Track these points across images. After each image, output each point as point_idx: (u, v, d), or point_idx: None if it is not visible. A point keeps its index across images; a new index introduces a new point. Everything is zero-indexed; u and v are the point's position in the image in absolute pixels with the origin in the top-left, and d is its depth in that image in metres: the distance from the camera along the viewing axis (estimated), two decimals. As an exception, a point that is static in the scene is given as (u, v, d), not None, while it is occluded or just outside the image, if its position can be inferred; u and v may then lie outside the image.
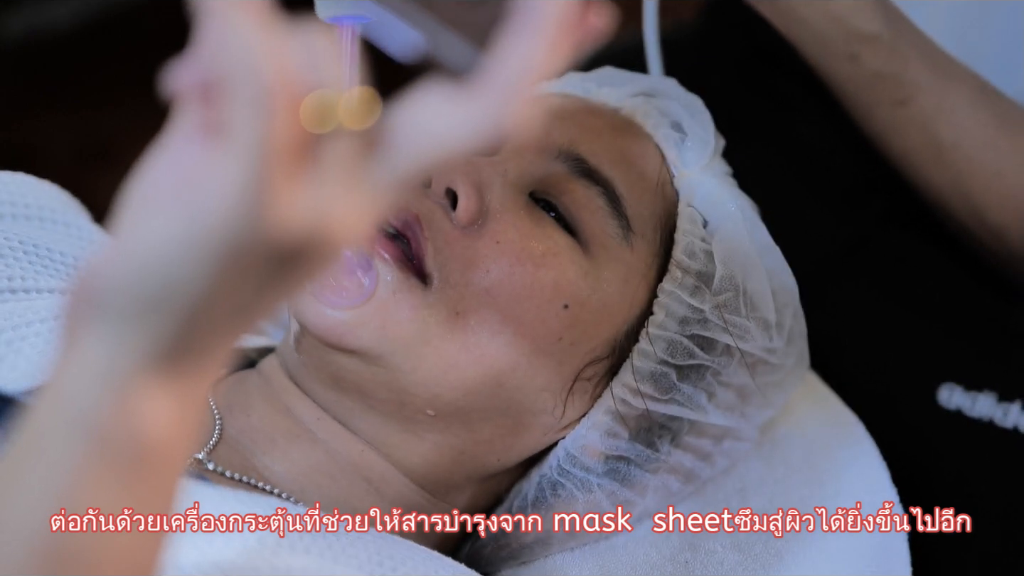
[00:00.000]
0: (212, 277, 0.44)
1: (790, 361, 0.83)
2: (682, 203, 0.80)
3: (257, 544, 0.62)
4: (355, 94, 0.45)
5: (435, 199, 0.75)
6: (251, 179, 0.43)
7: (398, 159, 0.45)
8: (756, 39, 1.08)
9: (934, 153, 0.93)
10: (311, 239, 0.44)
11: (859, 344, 0.91)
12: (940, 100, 0.91)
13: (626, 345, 0.78)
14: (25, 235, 0.83)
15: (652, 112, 0.83)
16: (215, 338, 0.46)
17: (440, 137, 0.45)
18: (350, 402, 0.75)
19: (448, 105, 0.45)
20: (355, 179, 0.45)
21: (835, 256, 1.08)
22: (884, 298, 1.07)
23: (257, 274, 0.44)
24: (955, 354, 1.03)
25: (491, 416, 0.75)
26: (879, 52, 0.90)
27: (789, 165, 1.12)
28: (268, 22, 0.44)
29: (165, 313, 0.44)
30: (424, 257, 0.73)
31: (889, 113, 0.91)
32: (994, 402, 1.01)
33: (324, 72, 0.44)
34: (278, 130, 0.43)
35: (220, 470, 0.74)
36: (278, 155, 0.43)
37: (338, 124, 0.44)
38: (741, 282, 0.79)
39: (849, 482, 0.86)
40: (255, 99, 0.43)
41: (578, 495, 0.79)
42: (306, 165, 0.44)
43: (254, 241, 0.43)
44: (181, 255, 0.43)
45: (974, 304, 1.05)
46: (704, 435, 0.81)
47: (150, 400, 0.45)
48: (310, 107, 0.44)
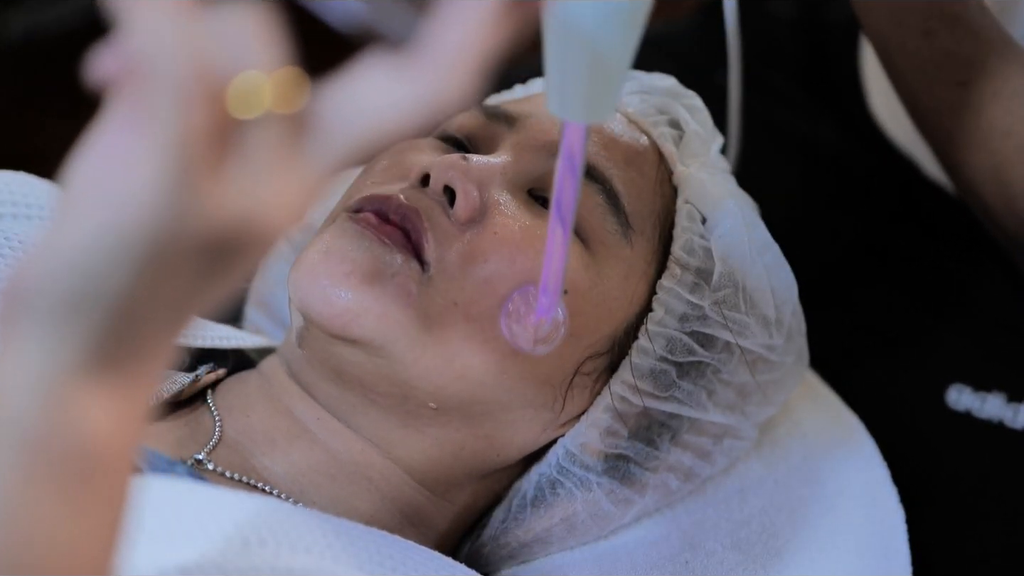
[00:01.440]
0: (137, 273, 0.42)
1: (789, 358, 0.83)
2: (680, 200, 0.81)
3: (257, 544, 0.62)
4: (280, 76, 0.43)
5: (433, 197, 0.75)
6: (171, 170, 0.41)
7: (333, 141, 0.44)
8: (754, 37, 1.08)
9: (983, 137, 0.92)
10: (242, 229, 0.43)
11: (867, 344, 0.91)
12: (1001, 85, 0.89)
13: (625, 342, 0.78)
14: (25, 235, 0.83)
15: (650, 109, 0.83)
16: (152, 336, 0.44)
17: (377, 116, 0.44)
18: (352, 397, 0.76)
19: (384, 81, 0.43)
20: (285, 164, 0.43)
21: (842, 256, 1.08)
22: (892, 298, 1.07)
23: (188, 268, 0.43)
24: (964, 354, 1.03)
25: (492, 410, 0.75)
26: (956, 31, 0.88)
27: (791, 164, 1.12)
28: (186, 5, 0.42)
29: (92, 312, 0.42)
30: (425, 245, 0.73)
31: (947, 92, 0.90)
32: (1003, 403, 1.01)
33: (247, 55, 0.42)
34: (198, 118, 0.42)
35: (220, 470, 0.75)
36: (199, 144, 0.42)
37: (264, 108, 0.43)
38: (740, 279, 0.79)
39: (849, 482, 0.86)
40: (173, 87, 0.41)
41: (577, 493, 0.79)
42: (231, 153, 0.43)
43: (179, 234, 0.42)
44: (102, 251, 0.42)
45: (983, 304, 1.04)
46: (704, 433, 0.81)
47: (88, 405, 0.43)
48: (232, 92, 0.42)
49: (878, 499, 0.86)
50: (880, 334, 1.05)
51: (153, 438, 0.74)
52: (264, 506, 0.64)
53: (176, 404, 0.79)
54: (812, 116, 1.13)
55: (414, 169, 0.76)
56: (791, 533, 0.82)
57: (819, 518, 0.83)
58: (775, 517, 0.83)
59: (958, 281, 1.06)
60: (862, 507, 0.84)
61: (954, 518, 0.98)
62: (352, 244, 0.73)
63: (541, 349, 0.71)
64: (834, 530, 0.83)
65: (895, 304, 1.07)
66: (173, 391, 0.77)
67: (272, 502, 0.67)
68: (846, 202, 1.09)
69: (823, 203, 1.09)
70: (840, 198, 1.09)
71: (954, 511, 0.99)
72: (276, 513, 0.64)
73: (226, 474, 0.74)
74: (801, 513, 0.83)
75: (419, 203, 0.74)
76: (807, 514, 0.83)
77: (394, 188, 0.76)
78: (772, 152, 1.08)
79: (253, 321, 0.96)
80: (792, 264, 0.83)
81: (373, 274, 0.72)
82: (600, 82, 0.56)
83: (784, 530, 0.82)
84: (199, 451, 0.75)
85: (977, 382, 1.02)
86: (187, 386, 0.78)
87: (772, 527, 0.82)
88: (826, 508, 0.84)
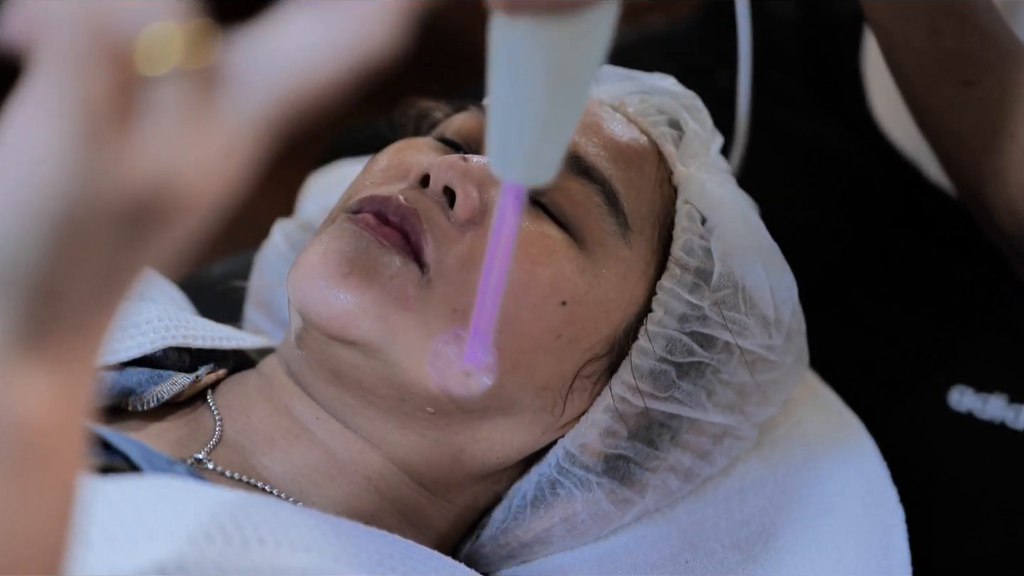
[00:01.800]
0: (52, 244, 0.40)
1: (789, 359, 0.83)
2: (680, 200, 0.80)
3: (257, 543, 0.61)
4: (189, 29, 0.40)
5: (433, 197, 0.75)
6: (75, 136, 0.39)
7: (253, 95, 0.41)
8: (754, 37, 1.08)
9: (986, 139, 0.91)
10: (159, 193, 0.41)
11: (869, 346, 0.91)
12: (1008, 87, 0.88)
13: (625, 343, 0.78)
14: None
15: (650, 109, 0.83)
16: (81, 311, 0.42)
17: (299, 66, 0.41)
18: (351, 399, 0.75)
19: (305, 29, 0.41)
20: (200, 123, 0.41)
21: (843, 257, 1.07)
22: (894, 300, 1.07)
23: (108, 237, 0.41)
24: (966, 356, 1.03)
25: (490, 414, 0.75)
26: (963, 29, 0.87)
27: (792, 164, 1.12)
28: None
29: (11, 288, 0.41)
30: (424, 247, 0.73)
31: (952, 92, 0.89)
32: (1005, 404, 1.01)
33: (151, 8, 0.40)
34: (100, 79, 0.40)
35: (220, 470, 0.75)
36: (104, 106, 0.40)
37: (172, 64, 0.40)
38: (740, 279, 0.79)
39: (849, 482, 0.86)
40: (71, 48, 0.39)
41: (577, 493, 0.79)
42: (140, 114, 0.40)
43: (91, 201, 0.40)
44: (14, 224, 0.40)
45: (984, 306, 1.04)
46: (703, 433, 0.81)
47: (23, 387, 0.41)
48: (137, 49, 0.40)
49: (878, 499, 0.86)
50: (881, 335, 1.05)
51: (154, 438, 0.74)
52: (264, 504, 0.64)
53: (177, 404, 0.79)
54: (812, 116, 1.13)
55: (414, 169, 0.76)
56: (791, 533, 0.82)
57: (819, 518, 0.83)
58: (775, 517, 0.83)
59: (960, 283, 1.06)
60: (862, 507, 0.84)
61: (955, 519, 0.98)
62: (351, 245, 0.73)
63: (474, 391, 0.67)
64: (834, 530, 0.83)
65: (896, 305, 1.07)
66: (174, 391, 0.77)
67: (272, 501, 0.67)
68: (846, 203, 1.08)
69: (823, 204, 1.09)
70: (840, 199, 1.09)
71: (955, 512, 0.99)
72: (276, 512, 0.64)
73: (226, 474, 0.74)
74: (801, 513, 0.83)
75: (418, 204, 0.74)
76: (807, 514, 0.83)
77: (393, 188, 0.76)
78: (772, 152, 1.08)
79: (253, 321, 0.96)
80: (792, 265, 0.82)
81: (371, 276, 0.72)
82: (546, 139, 0.55)
83: (784, 530, 0.82)
84: (199, 451, 0.75)
85: (979, 383, 1.02)
86: (188, 386, 0.78)
87: (772, 527, 0.82)
88: (826, 508, 0.84)
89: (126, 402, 0.75)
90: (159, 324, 0.78)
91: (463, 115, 0.83)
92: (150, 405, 0.75)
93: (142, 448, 0.66)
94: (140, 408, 0.75)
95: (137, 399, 0.75)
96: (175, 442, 0.75)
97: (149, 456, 0.66)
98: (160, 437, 0.75)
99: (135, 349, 0.75)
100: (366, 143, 0.94)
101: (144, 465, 0.64)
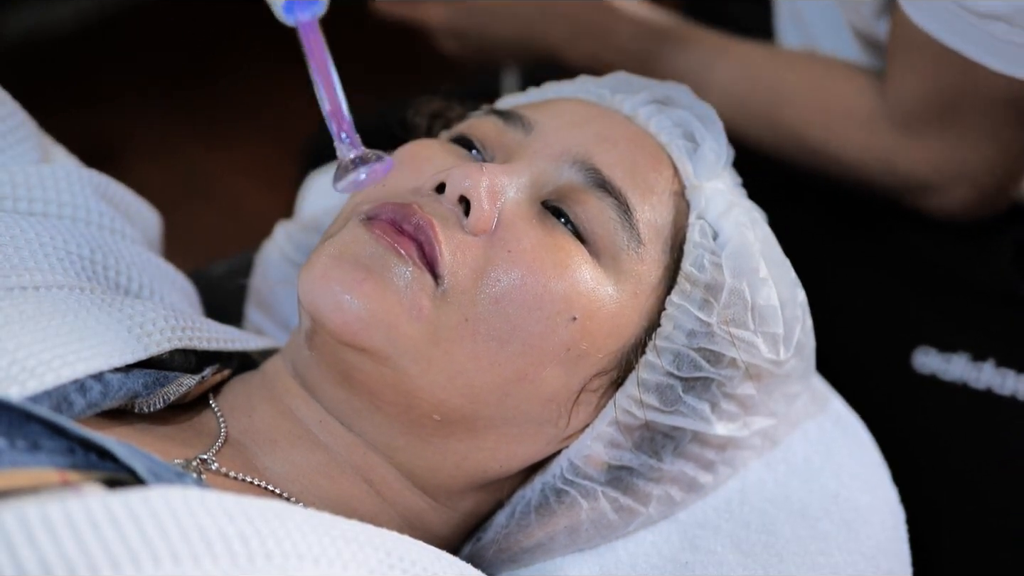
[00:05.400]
0: None
1: (796, 374, 0.83)
2: (693, 215, 0.80)
3: (264, 559, 0.61)
4: None
5: (448, 206, 0.74)
6: None
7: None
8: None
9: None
10: None
11: (833, 312, 0.92)
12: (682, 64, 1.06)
13: (633, 357, 0.78)
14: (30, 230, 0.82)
15: (665, 122, 0.83)
16: None
17: None
18: (358, 402, 0.75)
19: None
20: None
21: (805, 227, 1.08)
22: (856, 265, 1.09)
23: None
24: (928, 317, 1.05)
25: (496, 424, 0.75)
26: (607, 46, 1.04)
27: None
28: None
29: None
30: (438, 258, 0.73)
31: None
32: (967, 362, 1.02)
33: None
34: None
35: (224, 471, 0.74)
36: None
37: None
38: (749, 296, 0.79)
39: (849, 482, 0.85)
40: None
41: (582, 502, 0.79)
42: None
43: None
44: None
45: (942, 268, 1.06)
46: (707, 445, 0.81)
47: None
48: None
49: (878, 499, 0.86)
50: (845, 302, 1.07)
51: (159, 440, 0.74)
52: (271, 513, 0.63)
53: (181, 405, 0.78)
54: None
55: (429, 173, 0.76)
56: (791, 533, 0.82)
57: (819, 518, 0.83)
58: (775, 517, 0.83)
59: (917, 247, 1.07)
60: (862, 507, 0.84)
61: (925, 477, 0.99)
62: (366, 251, 0.73)
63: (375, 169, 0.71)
64: (834, 530, 0.83)
65: (858, 271, 1.08)
66: (180, 393, 0.77)
67: (276, 506, 0.66)
68: (805, 176, 1.09)
69: (785, 176, 1.10)
70: (804, 180, 1.10)
71: (924, 469, 1.00)
72: (284, 521, 0.63)
73: (230, 474, 0.74)
74: (801, 513, 0.83)
75: (434, 213, 0.74)
76: (807, 514, 0.83)
77: (407, 194, 0.75)
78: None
79: (254, 322, 0.96)
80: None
81: (386, 284, 0.72)
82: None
83: (784, 530, 0.82)
84: (204, 451, 0.75)
85: (942, 343, 1.03)
86: (193, 388, 0.78)
87: (772, 527, 0.82)
88: (826, 508, 0.83)
89: (132, 404, 0.74)
90: (166, 326, 0.78)
91: (479, 116, 0.83)
92: (156, 407, 0.75)
93: (149, 459, 0.65)
94: (146, 410, 0.75)
95: (143, 401, 0.74)
96: (180, 443, 0.75)
97: (156, 468, 0.65)
98: (166, 439, 0.75)
99: (142, 352, 0.75)
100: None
101: (151, 479, 0.64)
